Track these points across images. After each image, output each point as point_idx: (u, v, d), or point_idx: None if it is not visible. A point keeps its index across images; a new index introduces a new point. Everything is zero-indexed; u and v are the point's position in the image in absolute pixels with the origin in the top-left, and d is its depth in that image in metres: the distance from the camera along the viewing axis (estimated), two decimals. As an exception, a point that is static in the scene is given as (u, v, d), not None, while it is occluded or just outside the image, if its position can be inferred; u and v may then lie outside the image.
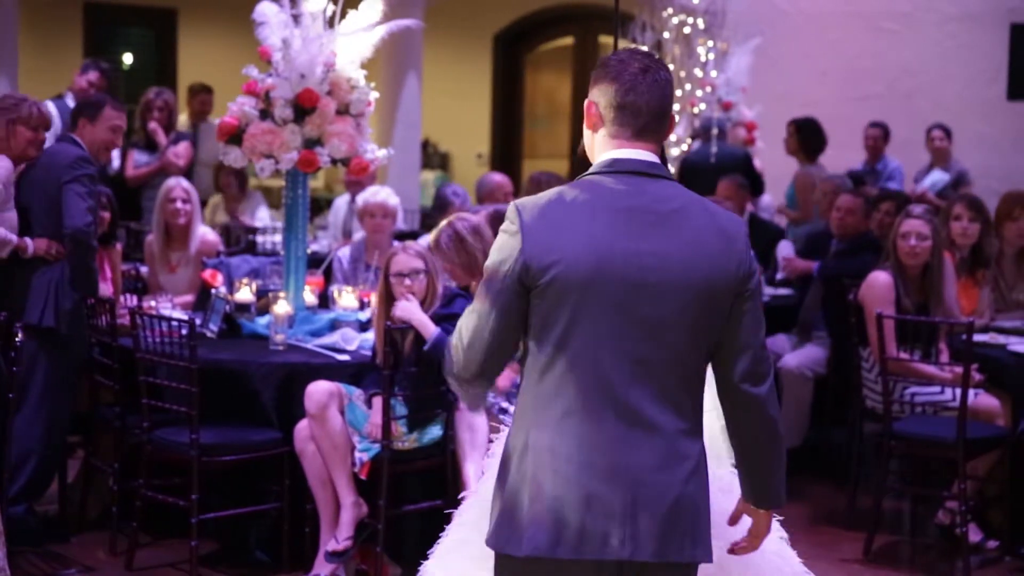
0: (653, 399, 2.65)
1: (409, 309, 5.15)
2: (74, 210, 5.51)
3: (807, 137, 9.31)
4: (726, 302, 2.68)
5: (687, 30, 10.29)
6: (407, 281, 5.22)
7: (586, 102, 2.82)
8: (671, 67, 10.05)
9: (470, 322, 2.73)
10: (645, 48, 10.39)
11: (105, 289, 6.02)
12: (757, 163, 9.90)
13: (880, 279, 6.14)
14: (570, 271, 2.62)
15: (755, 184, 9.32)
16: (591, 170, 2.77)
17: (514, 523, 2.67)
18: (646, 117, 2.74)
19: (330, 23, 5.84)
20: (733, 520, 2.92)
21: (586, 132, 2.84)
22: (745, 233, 2.74)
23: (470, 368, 2.74)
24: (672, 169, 9.95)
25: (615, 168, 2.73)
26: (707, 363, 2.74)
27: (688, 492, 2.66)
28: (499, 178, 8.01)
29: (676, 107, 9.93)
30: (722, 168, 9.01)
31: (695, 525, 2.68)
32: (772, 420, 2.76)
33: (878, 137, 10.21)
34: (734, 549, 2.93)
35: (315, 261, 6.87)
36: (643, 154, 2.75)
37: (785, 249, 8.04)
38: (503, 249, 2.68)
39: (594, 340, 2.63)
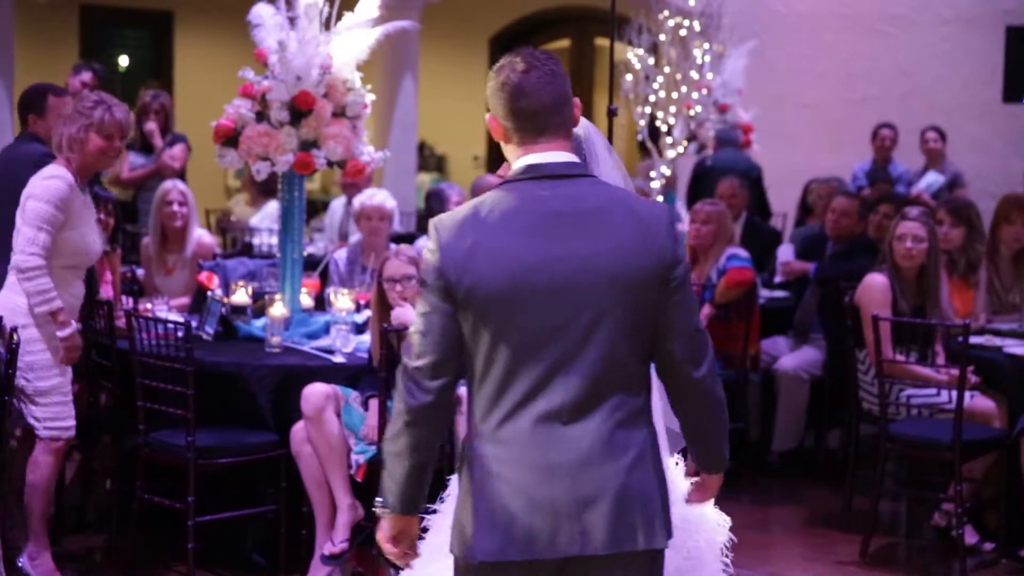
0: (586, 397, 2.68)
1: (404, 315, 5.14)
2: None
3: None
4: (653, 293, 2.70)
5: (683, 32, 10.27)
6: (399, 287, 5.22)
7: (488, 117, 2.84)
8: (667, 70, 10.09)
9: (418, 328, 2.73)
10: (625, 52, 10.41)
11: (106, 293, 6.01)
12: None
13: (876, 281, 6.14)
14: (486, 287, 2.66)
15: (760, 202, 9.32)
16: (508, 178, 2.79)
17: (466, 530, 2.72)
18: (544, 115, 2.75)
19: (326, 25, 5.84)
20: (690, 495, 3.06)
21: (503, 146, 2.84)
22: (667, 223, 2.74)
23: (425, 366, 2.73)
24: (667, 172, 9.95)
25: (530, 174, 2.75)
26: (648, 352, 2.76)
27: (632, 482, 2.68)
28: (495, 180, 7.97)
29: (672, 109, 9.99)
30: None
31: (646, 513, 2.69)
32: (715, 399, 2.82)
33: (892, 139, 10.19)
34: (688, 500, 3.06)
35: (311, 263, 6.86)
36: (555, 155, 2.76)
37: (785, 253, 8.04)
38: (426, 270, 2.73)
39: (520, 348, 2.67)
